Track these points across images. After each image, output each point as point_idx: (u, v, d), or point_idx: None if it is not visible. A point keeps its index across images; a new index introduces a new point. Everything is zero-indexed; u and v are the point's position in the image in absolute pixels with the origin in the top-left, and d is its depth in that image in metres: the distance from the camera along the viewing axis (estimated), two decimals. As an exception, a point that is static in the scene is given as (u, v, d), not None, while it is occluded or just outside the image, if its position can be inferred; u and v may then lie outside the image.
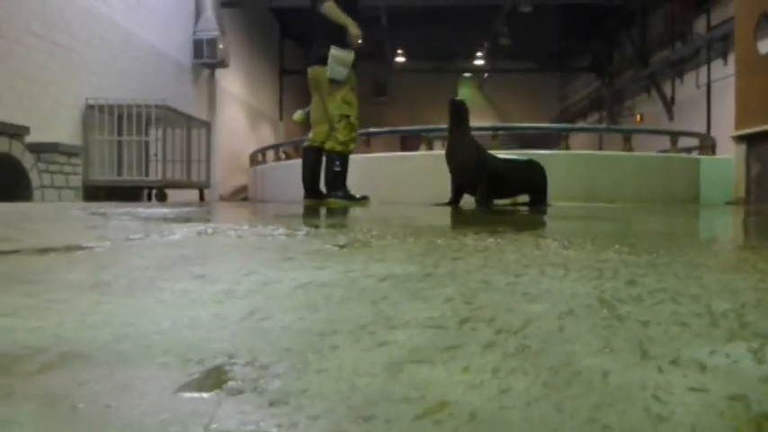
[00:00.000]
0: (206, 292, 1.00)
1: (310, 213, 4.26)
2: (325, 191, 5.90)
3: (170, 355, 0.64)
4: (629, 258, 1.44)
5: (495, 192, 5.83)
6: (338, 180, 5.79)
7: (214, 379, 0.57)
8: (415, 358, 0.63)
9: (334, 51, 5.62)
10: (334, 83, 5.71)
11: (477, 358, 0.63)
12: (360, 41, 5.70)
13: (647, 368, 0.60)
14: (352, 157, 5.97)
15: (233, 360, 0.62)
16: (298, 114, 7.26)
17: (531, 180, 5.95)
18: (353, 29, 5.66)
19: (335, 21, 5.68)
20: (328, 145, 5.80)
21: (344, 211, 4.52)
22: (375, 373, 0.59)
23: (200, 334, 0.73)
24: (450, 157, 5.82)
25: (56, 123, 8.54)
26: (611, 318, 0.82)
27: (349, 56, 5.67)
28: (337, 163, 5.77)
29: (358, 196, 5.85)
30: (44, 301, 0.94)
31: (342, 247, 1.71)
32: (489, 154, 6.01)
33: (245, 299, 0.95)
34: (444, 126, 6.21)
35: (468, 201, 5.86)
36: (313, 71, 5.89)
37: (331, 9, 5.66)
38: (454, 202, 5.82)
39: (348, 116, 5.76)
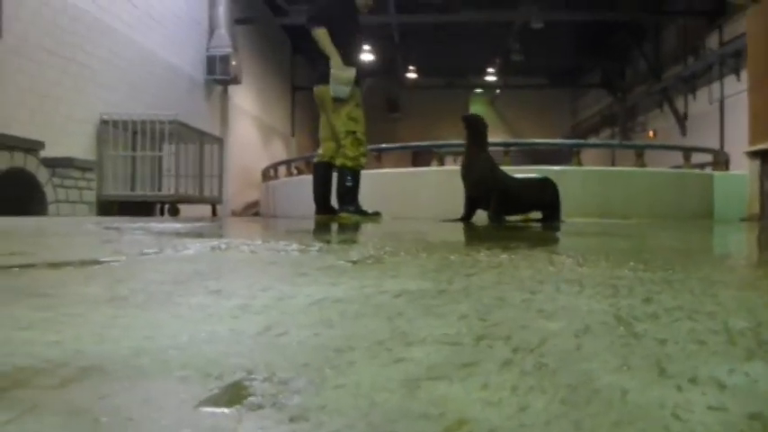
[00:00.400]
0: (222, 307, 1.01)
1: (322, 229, 4.27)
2: (338, 206, 5.92)
3: (188, 369, 0.65)
4: (645, 275, 1.44)
5: (507, 208, 5.82)
6: (350, 195, 5.81)
7: (234, 394, 0.57)
8: (432, 375, 0.63)
9: (334, 70, 5.65)
10: (338, 100, 5.74)
11: (494, 376, 0.63)
12: (347, 72, 5.67)
13: (666, 386, 0.60)
14: (363, 172, 5.99)
15: (252, 375, 0.62)
16: None
17: (544, 196, 5.93)
18: (336, 60, 5.66)
19: (322, 49, 5.72)
20: (339, 161, 5.83)
21: (356, 227, 4.53)
22: (393, 389, 0.59)
23: (218, 349, 0.74)
24: (467, 171, 5.82)
25: (70, 138, 8.62)
26: (628, 335, 0.81)
27: (349, 73, 5.69)
28: (349, 178, 5.80)
29: (370, 212, 5.86)
30: (61, 314, 0.94)
31: (355, 262, 1.72)
32: (502, 171, 6.01)
33: (261, 314, 0.95)
34: (456, 142, 6.22)
35: (479, 217, 5.85)
36: (318, 90, 5.92)
37: (321, 36, 5.70)
38: (466, 217, 5.81)
39: (354, 132, 5.79)
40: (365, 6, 6.02)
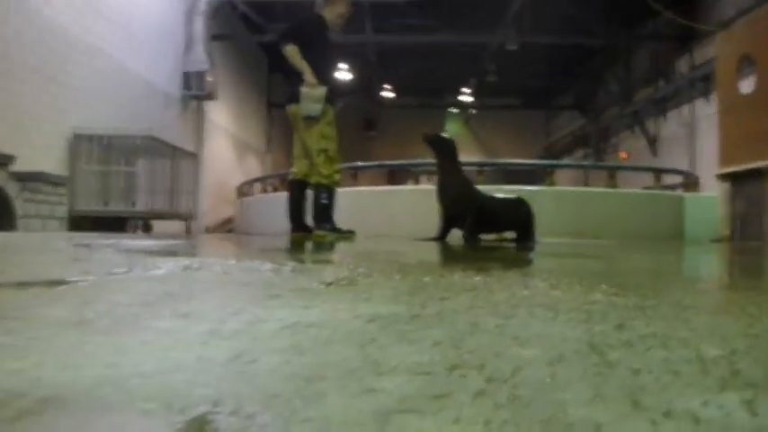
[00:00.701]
0: (191, 332, 0.98)
1: (296, 247, 4.24)
2: (312, 224, 5.89)
3: (152, 401, 0.62)
4: (618, 300, 1.44)
5: (482, 227, 5.83)
6: (325, 213, 5.78)
7: (198, 429, 0.55)
8: (404, 407, 0.62)
9: (304, 89, 5.64)
10: (310, 119, 5.72)
11: (467, 408, 0.62)
12: (317, 90, 5.67)
13: (640, 420, 0.59)
14: (339, 190, 5.98)
15: (218, 408, 0.60)
16: None
17: (519, 216, 5.96)
18: (309, 77, 5.66)
19: (293, 65, 5.71)
20: (314, 179, 5.81)
21: (331, 246, 4.50)
22: (364, 423, 0.57)
23: (184, 378, 0.72)
24: (442, 191, 5.83)
25: (42, 152, 8.51)
26: (602, 364, 0.81)
27: (320, 91, 5.67)
28: (324, 196, 5.78)
29: (344, 230, 5.84)
30: (24, 339, 0.92)
31: (328, 284, 1.70)
32: (478, 190, 6.03)
33: (231, 340, 0.93)
34: (431, 161, 6.22)
35: (454, 236, 5.86)
36: (290, 109, 5.92)
37: (291, 53, 5.70)
38: (441, 237, 5.81)
39: (326, 150, 5.78)
40: (337, 25, 6.05)
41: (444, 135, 6.08)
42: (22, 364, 0.77)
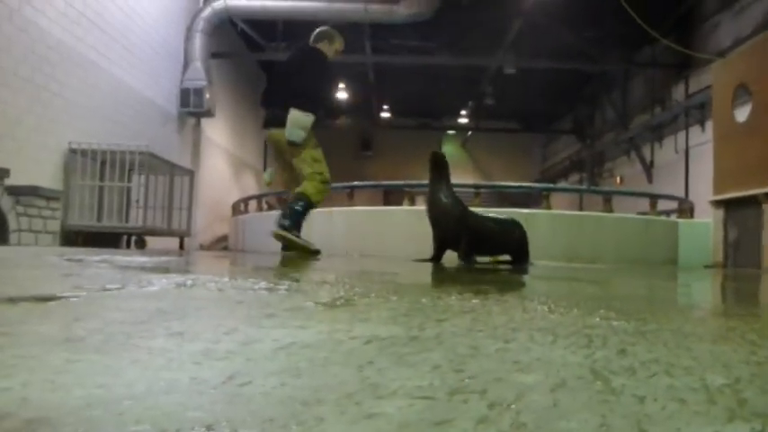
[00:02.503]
0: (184, 352, 0.96)
1: (291, 266, 4.21)
2: (277, 224, 5.83)
3: (144, 423, 0.60)
4: (617, 325, 1.42)
5: (477, 248, 5.79)
6: (294, 218, 5.75)
7: (191, 454, 0.53)
8: (404, 434, 0.60)
9: (295, 113, 5.64)
10: (292, 144, 5.72)
11: (470, 436, 0.60)
12: (307, 118, 5.70)
13: (649, 451, 0.57)
14: (336, 209, 5.97)
15: (212, 431, 0.58)
16: (267, 174, 7.25)
17: (514, 238, 5.93)
18: None
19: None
20: (303, 186, 5.78)
21: (324, 265, 4.47)
22: (363, 450, 0.55)
23: (177, 400, 0.69)
24: (433, 212, 5.80)
25: (37, 166, 8.46)
26: (606, 392, 0.79)
27: (309, 119, 5.69)
28: (301, 204, 5.74)
29: (312, 248, 5.79)
30: (11, 357, 0.89)
31: (324, 304, 1.67)
32: (472, 212, 6.00)
33: (225, 360, 0.91)
34: (427, 182, 6.18)
35: (449, 257, 5.82)
36: (272, 134, 5.91)
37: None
38: (436, 258, 5.78)
39: (321, 173, 5.79)
40: (333, 58, 6.17)
41: (439, 152, 6.06)
42: (9, 382, 0.74)
